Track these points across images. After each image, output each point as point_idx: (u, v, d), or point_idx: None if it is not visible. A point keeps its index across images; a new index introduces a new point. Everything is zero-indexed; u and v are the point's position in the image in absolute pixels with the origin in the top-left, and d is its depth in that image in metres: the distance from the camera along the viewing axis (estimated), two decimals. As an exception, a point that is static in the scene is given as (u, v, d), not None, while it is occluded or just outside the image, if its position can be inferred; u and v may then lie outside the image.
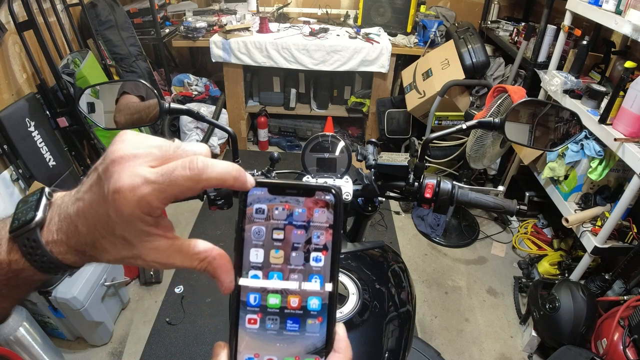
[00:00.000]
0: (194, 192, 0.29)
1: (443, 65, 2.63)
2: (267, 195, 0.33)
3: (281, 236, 0.33)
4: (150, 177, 0.27)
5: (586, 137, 1.83)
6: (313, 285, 0.33)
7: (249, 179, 0.31)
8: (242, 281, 0.33)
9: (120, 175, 0.27)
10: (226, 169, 0.29)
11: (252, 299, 0.33)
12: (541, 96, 2.25)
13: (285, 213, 0.33)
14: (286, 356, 0.32)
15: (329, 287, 0.33)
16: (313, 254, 0.33)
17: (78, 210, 0.30)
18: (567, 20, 2.02)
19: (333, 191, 0.33)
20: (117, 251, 0.30)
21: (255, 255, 0.33)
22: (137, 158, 0.28)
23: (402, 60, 3.10)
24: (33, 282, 0.33)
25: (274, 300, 0.33)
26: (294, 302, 0.33)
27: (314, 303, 0.33)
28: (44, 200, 0.32)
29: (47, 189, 0.33)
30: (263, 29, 3.00)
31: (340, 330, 0.34)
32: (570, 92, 1.94)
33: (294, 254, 0.33)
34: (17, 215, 0.32)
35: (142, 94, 0.79)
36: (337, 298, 0.33)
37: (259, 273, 0.33)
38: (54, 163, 2.06)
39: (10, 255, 0.31)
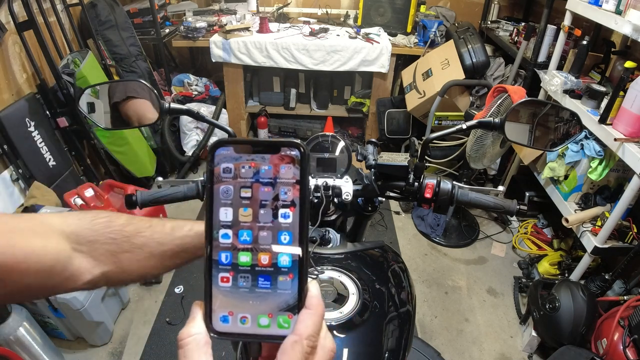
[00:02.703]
0: None
1: (443, 65, 2.63)
2: (233, 154, 0.33)
3: (249, 194, 0.33)
4: None
5: (586, 137, 1.83)
6: (282, 241, 0.33)
7: None
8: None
9: None
10: None
11: (223, 257, 0.33)
12: (541, 96, 2.25)
13: (252, 171, 0.33)
14: (259, 313, 0.32)
15: (297, 246, 0.33)
16: (281, 211, 0.33)
17: None
18: (567, 20, 2.02)
19: (299, 147, 0.32)
20: None
21: (225, 214, 0.33)
22: None
23: (402, 60, 3.10)
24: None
25: (244, 258, 0.33)
26: (264, 259, 0.33)
27: (284, 260, 0.33)
28: None
29: None
30: (263, 29, 3.00)
31: (313, 287, 0.34)
32: (570, 92, 1.93)
33: (262, 211, 0.33)
34: None
35: (146, 96, 0.79)
36: (307, 255, 0.33)
37: (229, 232, 0.33)
38: (54, 163, 2.06)
39: None
